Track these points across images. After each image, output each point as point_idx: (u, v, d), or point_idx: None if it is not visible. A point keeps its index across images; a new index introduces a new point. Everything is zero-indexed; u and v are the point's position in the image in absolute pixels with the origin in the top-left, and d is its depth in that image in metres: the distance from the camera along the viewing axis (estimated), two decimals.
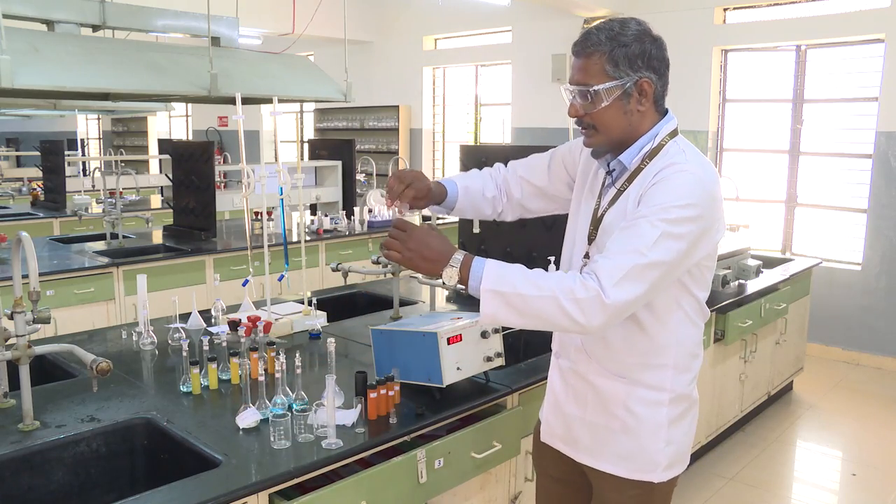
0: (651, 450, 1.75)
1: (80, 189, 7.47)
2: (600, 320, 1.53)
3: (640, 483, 1.77)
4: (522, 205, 2.04)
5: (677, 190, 1.58)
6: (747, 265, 4.05)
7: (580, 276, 1.55)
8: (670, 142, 1.70)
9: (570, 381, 1.85)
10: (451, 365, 2.11)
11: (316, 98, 4.34)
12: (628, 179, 1.70)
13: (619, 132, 1.68)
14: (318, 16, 5.99)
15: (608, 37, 1.62)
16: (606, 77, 1.63)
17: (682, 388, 1.77)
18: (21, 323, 1.93)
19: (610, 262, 1.54)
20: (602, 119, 1.66)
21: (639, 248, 1.54)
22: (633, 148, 1.70)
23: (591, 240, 1.76)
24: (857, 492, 3.82)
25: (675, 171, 1.61)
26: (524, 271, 1.58)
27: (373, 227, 5.83)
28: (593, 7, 6.63)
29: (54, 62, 3.07)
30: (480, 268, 1.58)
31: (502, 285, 1.56)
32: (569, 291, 1.52)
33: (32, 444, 1.88)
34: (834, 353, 5.85)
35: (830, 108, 5.98)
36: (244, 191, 2.85)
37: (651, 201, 1.59)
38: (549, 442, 1.94)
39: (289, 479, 1.76)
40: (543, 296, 1.53)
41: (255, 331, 2.59)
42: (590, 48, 1.64)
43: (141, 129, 13.71)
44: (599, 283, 1.52)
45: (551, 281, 1.55)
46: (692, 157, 1.66)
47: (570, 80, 1.68)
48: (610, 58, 1.62)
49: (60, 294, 4.10)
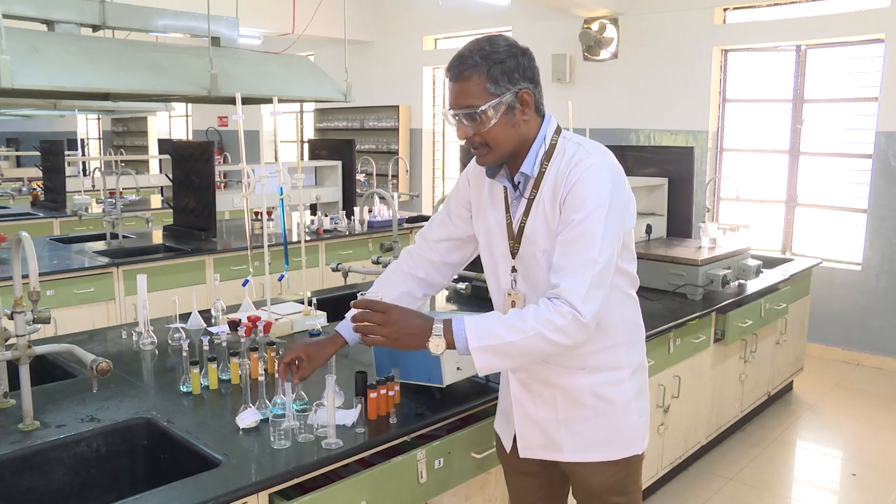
0: (627, 425, 1.84)
1: (80, 189, 7.47)
2: (583, 337, 1.64)
3: (624, 460, 1.85)
4: (446, 263, 2.06)
5: (597, 187, 1.66)
6: (747, 265, 4.05)
7: (553, 305, 1.62)
8: (559, 139, 1.77)
9: (534, 388, 1.87)
10: (451, 365, 2.11)
11: (316, 98, 4.34)
12: (534, 186, 1.76)
13: (511, 145, 1.73)
14: (318, 16, 6.00)
15: (482, 56, 1.68)
16: (489, 95, 1.68)
17: (636, 360, 1.87)
18: (21, 323, 1.93)
19: (571, 282, 1.62)
20: (493, 136, 1.71)
21: (590, 257, 1.63)
22: (530, 156, 1.76)
23: (514, 254, 1.80)
24: (857, 492, 3.82)
25: (584, 168, 1.67)
26: (503, 319, 1.65)
27: (373, 227, 5.83)
28: (593, 7, 6.63)
29: (54, 62, 3.07)
30: (461, 329, 1.64)
31: (488, 339, 1.63)
32: (549, 323, 1.60)
33: (32, 444, 1.88)
34: (834, 353, 5.85)
35: (830, 108, 5.98)
36: (244, 191, 2.85)
37: (580, 206, 1.65)
38: (530, 455, 1.92)
39: (289, 479, 1.76)
40: (528, 336, 1.61)
41: (255, 331, 2.59)
42: (468, 70, 1.69)
43: (141, 129, 13.70)
44: (571, 305, 1.61)
45: (530, 319, 1.62)
46: (587, 146, 1.74)
47: (451, 105, 1.72)
48: (489, 76, 1.67)
49: (60, 294, 4.10)
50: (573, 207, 1.66)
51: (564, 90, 7.11)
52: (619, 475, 1.87)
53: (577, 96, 6.29)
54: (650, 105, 6.58)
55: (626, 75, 6.70)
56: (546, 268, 1.74)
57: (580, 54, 7.03)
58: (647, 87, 6.58)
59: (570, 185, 1.67)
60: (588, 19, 6.88)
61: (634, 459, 1.89)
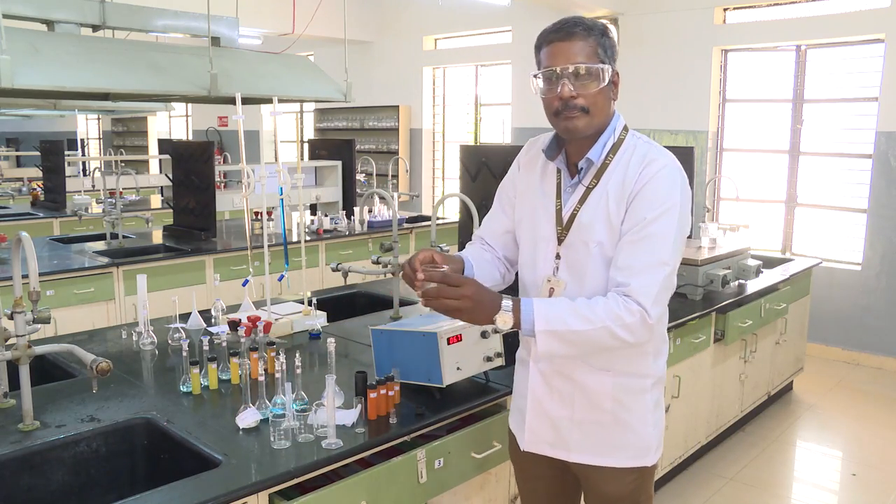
0: (642, 435, 1.82)
1: (80, 189, 7.48)
2: (646, 337, 1.67)
3: (635, 469, 1.83)
4: (508, 259, 2.02)
5: (671, 188, 1.67)
6: (747, 265, 4.05)
7: (622, 301, 1.62)
8: (627, 135, 1.77)
9: (554, 383, 1.84)
10: (451, 365, 2.11)
11: (316, 98, 4.34)
12: (595, 176, 1.75)
13: (603, 117, 1.74)
14: (318, 16, 5.99)
15: (595, 25, 1.71)
16: (599, 60, 1.69)
17: (660, 371, 1.85)
18: (21, 323, 1.93)
19: (642, 282, 1.63)
20: (594, 100, 1.70)
21: (662, 259, 1.64)
22: (598, 144, 1.76)
23: (560, 240, 1.78)
24: (857, 492, 3.82)
25: (658, 168, 1.68)
26: (571, 306, 1.64)
27: (373, 227, 5.83)
28: (593, 7, 6.63)
29: (54, 62, 3.07)
30: (530, 310, 1.63)
31: (555, 324, 1.62)
32: (617, 318, 1.61)
33: (32, 444, 1.88)
34: (834, 353, 5.85)
35: (830, 108, 5.98)
36: (244, 191, 2.85)
37: (651, 205, 1.65)
38: (536, 449, 1.91)
39: (289, 479, 1.76)
40: (596, 328, 1.62)
41: (255, 331, 2.59)
42: (583, 31, 1.69)
43: (141, 129, 13.71)
44: (640, 305, 1.62)
45: (599, 311, 1.62)
46: (658, 146, 1.75)
47: (558, 64, 1.70)
48: (600, 44, 1.70)
49: (60, 294, 4.10)
50: (645, 206, 1.65)
51: None
52: (633, 485, 1.85)
53: None
54: (650, 105, 6.57)
55: (625, 75, 6.64)
56: (598, 260, 1.72)
57: None
58: (646, 87, 6.57)
59: (642, 183, 1.67)
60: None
61: (647, 471, 1.86)
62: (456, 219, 4.19)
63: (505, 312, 1.63)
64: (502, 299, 1.65)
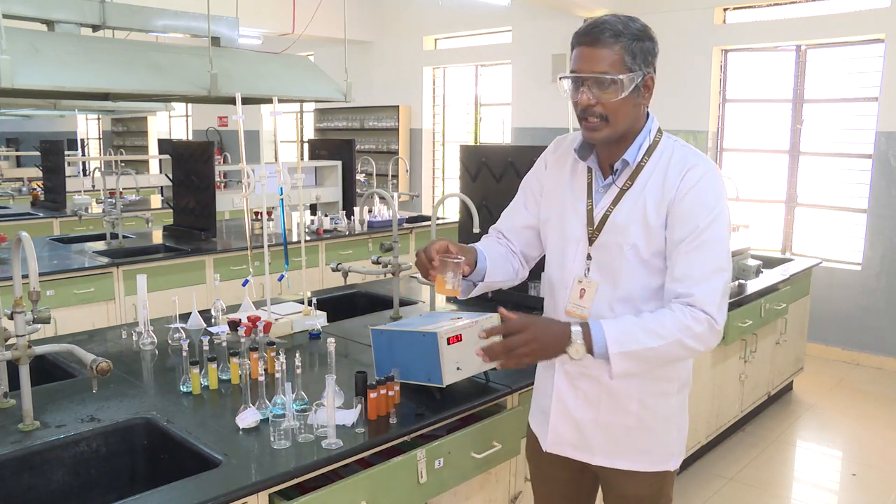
0: (666, 440, 1.81)
1: (80, 189, 7.48)
2: (715, 342, 1.67)
3: (658, 474, 1.82)
4: (525, 254, 1.99)
5: (717, 194, 1.68)
6: (747, 265, 4.05)
7: (688, 311, 1.62)
8: (663, 138, 1.76)
9: (580, 384, 1.82)
10: (451, 365, 2.11)
11: (316, 98, 4.34)
12: (630, 177, 1.73)
13: (626, 125, 1.71)
14: (318, 16, 6.00)
15: (626, 28, 1.65)
16: (625, 68, 1.64)
17: (686, 374, 1.84)
18: (21, 323, 1.93)
19: (705, 290, 1.62)
20: (615, 110, 1.66)
21: (719, 265, 1.65)
22: (634, 145, 1.73)
23: (591, 240, 1.76)
24: (857, 492, 3.82)
25: (701, 173, 1.67)
26: (640, 324, 1.63)
27: (373, 227, 5.83)
28: (593, 7, 6.63)
29: (54, 62, 3.07)
30: (601, 334, 1.61)
31: (629, 344, 1.61)
32: (687, 330, 1.61)
33: (32, 444, 1.88)
34: (834, 353, 5.85)
35: (830, 108, 5.98)
36: (244, 191, 2.85)
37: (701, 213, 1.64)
38: (559, 451, 1.89)
39: (289, 479, 1.76)
40: (668, 342, 1.61)
41: (255, 331, 2.59)
42: (610, 38, 1.64)
43: (141, 129, 13.71)
44: (706, 313, 1.61)
45: (668, 324, 1.62)
46: (694, 150, 1.74)
47: (580, 69, 1.65)
48: (629, 50, 1.65)
49: (60, 294, 4.10)
50: (696, 214, 1.64)
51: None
52: (654, 488, 1.84)
53: None
54: (650, 105, 6.56)
55: None
56: (633, 262, 1.71)
57: None
58: None
59: (685, 190, 1.66)
60: (588, 19, 6.86)
61: (668, 475, 1.85)
62: (456, 219, 4.19)
63: (576, 343, 1.60)
64: (570, 328, 1.61)
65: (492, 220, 3.03)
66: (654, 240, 1.69)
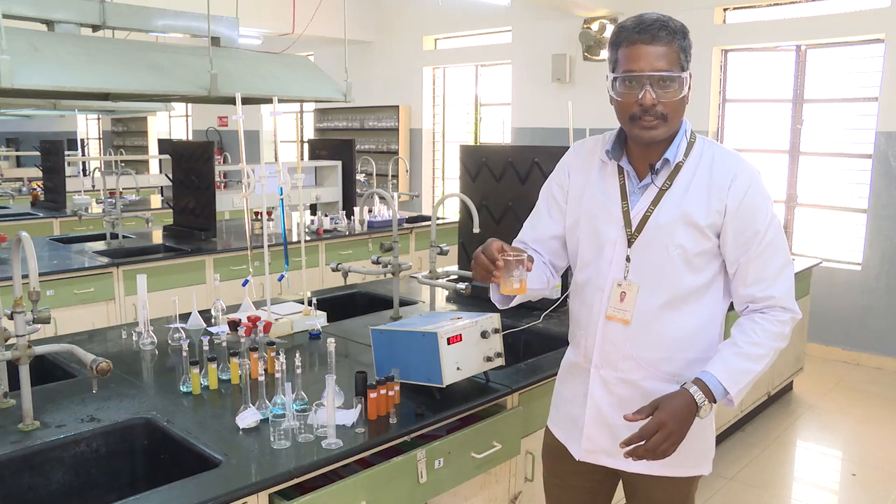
0: (701, 445, 1.80)
1: (80, 189, 7.48)
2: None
3: (691, 478, 1.83)
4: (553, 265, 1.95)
5: (767, 196, 1.72)
6: None
7: (771, 316, 1.69)
8: (698, 138, 1.76)
9: (617, 390, 1.78)
10: (451, 365, 2.10)
11: (316, 98, 4.35)
12: (669, 177, 1.71)
13: (679, 122, 1.72)
14: (318, 16, 6.00)
15: (679, 28, 1.65)
16: (680, 67, 1.64)
17: None
18: (21, 323, 1.93)
19: (781, 287, 1.70)
20: (675, 108, 1.66)
21: (785, 260, 1.72)
22: (673, 144, 1.72)
23: (630, 242, 1.73)
24: (857, 492, 3.82)
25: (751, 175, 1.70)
26: (742, 352, 1.67)
27: (373, 227, 5.83)
28: (593, 7, 6.63)
29: (54, 62, 3.07)
30: (718, 385, 1.64)
31: (744, 378, 1.66)
32: (780, 336, 1.69)
33: (32, 444, 1.88)
34: (834, 353, 5.85)
35: (830, 108, 5.98)
36: (244, 191, 2.85)
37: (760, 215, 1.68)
38: (592, 459, 1.84)
39: (289, 479, 1.76)
40: (770, 357, 1.70)
41: (255, 331, 2.59)
42: (669, 35, 1.63)
43: (141, 129, 13.71)
44: (788, 309, 1.70)
45: (763, 341, 1.68)
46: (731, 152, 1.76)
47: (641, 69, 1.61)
48: (682, 47, 1.65)
49: (60, 294, 4.10)
50: (755, 221, 1.67)
51: (564, 90, 7.11)
52: (683, 493, 1.82)
53: (577, 96, 6.30)
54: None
55: None
56: (679, 262, 1.69)
57: (580, 54, 7.03)
58: None
59: (739, 197, 1.66)
60: (588, 19, 6.88)
61: (697, 480, 1.85)
62: (456, 219, 4.19)
63: (704, 405, 1.62)
64: (691, 397, 1.62)
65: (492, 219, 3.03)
66: (701, 240, 1.68)
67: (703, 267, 1.71)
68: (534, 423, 2.48)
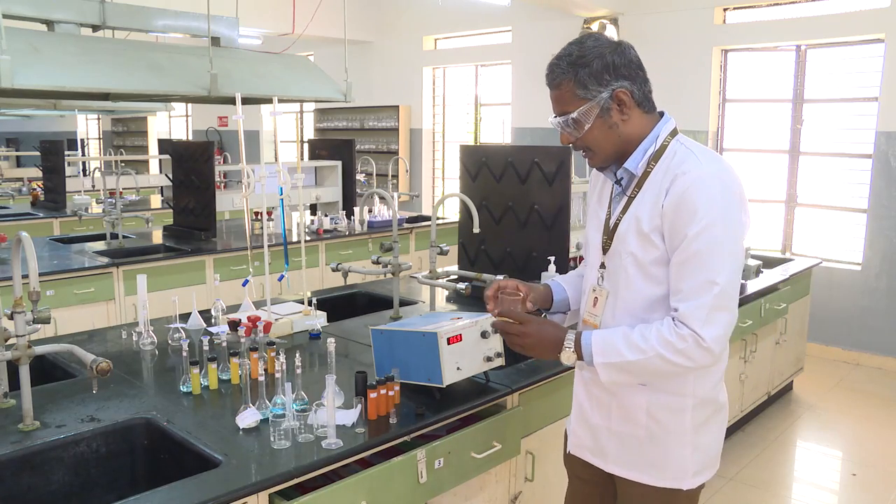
0: (678, 457, 1.75)
1: (80, 189, 7.48)
2: (708, 359, 1.62)
3: (670, 490, 1.77)
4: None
5: (708, 201, 1.59)
6: (747, 265, 4.05)
7: (674, 326, 1.61)
8: (672, 141, 1.71)
9: (594, 391, 1.84)
10: (451, 365, 2.10)
11: (316, 98, 4.34)
12: (637, 185, 1.72)
13: (612, 146, 1.72)
14: (318, 16, 6.00)
15: (569, 63, 1.67)
16: (580, 101, 1.66)
17: (706, 392, 1.76)
18: (21, 323, 1.93)
19: (691, 305, 1.59)
20: (591, 140, 1.71)
21: (707, 278, 1.58)
22: (637, 153, 1.72)
23: (605, 249, 1.77)
24: (857, 492, 3.82)
25: (691, 179, 1.61)
26: (626, 336, 1.65)
27: (373, 227, 5.83)
28: (593, 7, 6.63)
29: (54, 62, 3.07)
30: (588, 343, 1.69)
31: (611, 356, 1.66)
32: (669, 345, 1.60)
33: (32, 444, 1.88)
34: (834, 353, 5.85)
35: (830, 108, 5.98)
36: (244, 191, 2.85)
37: (690, 221, 1.59)
38: (578, 453, 1.94)
39: (289, 479, 1.76)
40: (649, 357, 1.62)
41: (255, 331, 2.59)
42: (557, 78, 1.69)
43: (141, 129, 13.71)
44: (691, 329, 1.59)
45: (652, 339, 1.62)
46: (700, 155, 1.67)
47: (553, 112, 1.73)
48: (577, 82, 1.66)
49: (60, 294, 4.10)
50: (683, 224, 1.59)
51: None
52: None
53: None
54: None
55: None
56: (632, 270, 1.70)
57: None
58: None
59: (675, 196, 1.61)
60: (588, 19, 6.88)
61: (681, 495, 1.77)
62: (456, 219, 4.19)
63: (567, 349, 1.70)
64: (565, 335, 1.70)
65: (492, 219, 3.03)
66: (650, 248, 1.66)
67: (662, 278, 1.67)
68: (534, 423, 2.48)
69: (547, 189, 3.34)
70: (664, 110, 1.78)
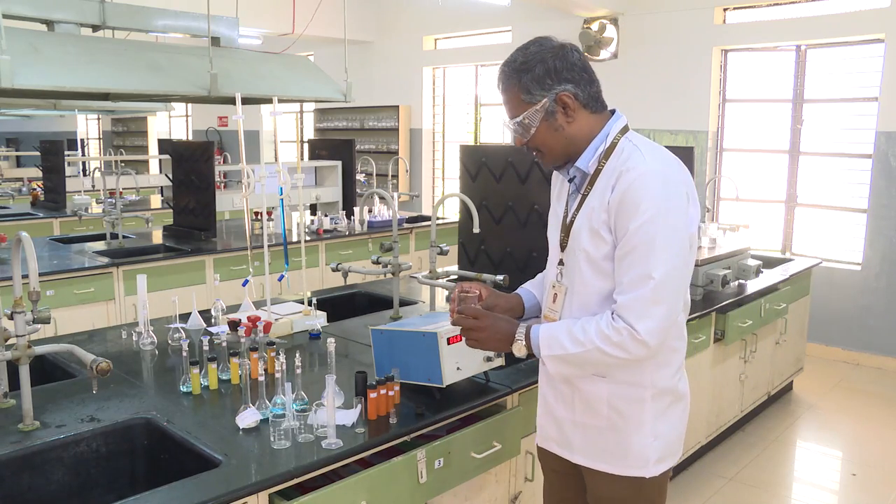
0: (639, 445, 1.79)
1: (80, 189, 7.48)
2: (644, 351, 1.66)
3: (633, 479, 1.82)
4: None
5: (648, 197, 1.62)
6: (747, 265, 4.05)
7: (611, 320, 1.65)
8: (622, 139, 1.75)
9: (557, 385, 1.89)
10: (451, 365, 2.11)
11: (316, 98, 4.34)
12: (590, 183, 1.76)
13: (560, 147, 1.77)
14: (318, 16, 6.00)
15: (513, 69, 1.72)
16: (525, 105, 1.72)
17: (664, 382, 1.80)
18: (21, 323, 1.93)
19: (626, 298, 1.64)
20: (539, 142, 1.76)
21: (645, 272, 1.62)
22: (588, 152, 1.76)
23: (563, 246, 1.82)
24: (857, 492, 3.82)
25: (634, 176, 1.64)
26: (569, 329, 1.71)
27: (373, 227, 5.83)
28: (593, 7, 6.63)
29: (54, 62, 3.07)
30: (536, 336, 1.75)
31: (555, 349, 1.72)
32: (605, 338, 1.65)
33: (32, 444, 1.88)
34: (834, 353, 5.85)
35: (830, 108, 5.98)
36: (244, 191, 2.85)
37: (631, 216, 1.63)
38: (546, 445, 1.99)
39: (289, 479, 1.76)
40: (588, 349, 1.67)
41: (255, 331, 2.59)
42: (503, 83, 1.75)
43: (141, 129, 13.71)
44: (626, 322, 1.63)
45: (590, 332, 1.67)
46: (646, 151, 1.70)
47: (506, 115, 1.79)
48: (521, 86, 1.71)
49: (60, 294, 4.10)
50: (625, 219, 1.63)
51: None
52: (628, 493, 1.83)
53: None
54: (650, 105, 6.57)
55: (625, 75, 6.69)
56: (585, 267, 1.74)
57: None
58: (646, 88, 6.57)
59: (620, 192, 1.64)
60: (588, 19, 6.88)
61: (646, 483, 1.81)
62: (456, 219, 4.19)
63: (518, 342, 1.76)
64: (517, 328, 1.76)
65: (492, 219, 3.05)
66: (600, 244, 1.70)
67: (612, 273, 1.70)
68: (533, 422, 2.47)
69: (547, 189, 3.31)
70: (615, 108, 1.81)
